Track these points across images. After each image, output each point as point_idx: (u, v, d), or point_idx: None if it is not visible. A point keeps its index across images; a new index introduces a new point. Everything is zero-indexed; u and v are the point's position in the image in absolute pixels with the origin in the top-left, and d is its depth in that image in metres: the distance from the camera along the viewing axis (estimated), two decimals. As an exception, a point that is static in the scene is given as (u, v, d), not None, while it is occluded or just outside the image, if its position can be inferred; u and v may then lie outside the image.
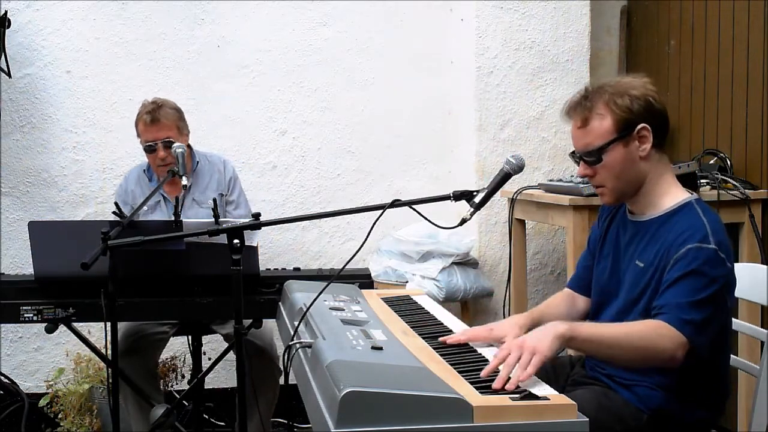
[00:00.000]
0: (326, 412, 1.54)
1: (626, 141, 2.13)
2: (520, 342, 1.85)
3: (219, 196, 3.54)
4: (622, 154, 2.14)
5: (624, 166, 2.15)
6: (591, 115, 2.15)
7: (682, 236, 2.05)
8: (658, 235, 2.13)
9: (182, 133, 3.50)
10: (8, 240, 3.98)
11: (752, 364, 2.41)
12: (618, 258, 2.26)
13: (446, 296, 3.86)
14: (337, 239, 4.26)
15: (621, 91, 2.13)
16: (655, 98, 2.15)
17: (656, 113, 2.14)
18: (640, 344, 1.95)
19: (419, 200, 2.23)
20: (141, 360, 3.30)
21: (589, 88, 2.21)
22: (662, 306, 2.00)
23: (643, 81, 2.18)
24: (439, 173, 4.34)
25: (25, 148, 4.00)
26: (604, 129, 2.14)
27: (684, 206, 2.14)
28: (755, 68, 3.55)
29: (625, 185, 2.18)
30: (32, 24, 3.97)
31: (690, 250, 2.01)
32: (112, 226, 2.70)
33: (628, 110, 2.12)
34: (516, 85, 4.20)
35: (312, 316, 2.03)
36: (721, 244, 2.03)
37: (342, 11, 4.22)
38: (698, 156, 3.73)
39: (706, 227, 2.04)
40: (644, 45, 4.39)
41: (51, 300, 2.94)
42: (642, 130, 2.12)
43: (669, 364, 1.97)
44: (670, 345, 1.94)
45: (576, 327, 1.93)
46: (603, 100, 2.14)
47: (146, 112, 3.44)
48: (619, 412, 2.09)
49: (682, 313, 1.96)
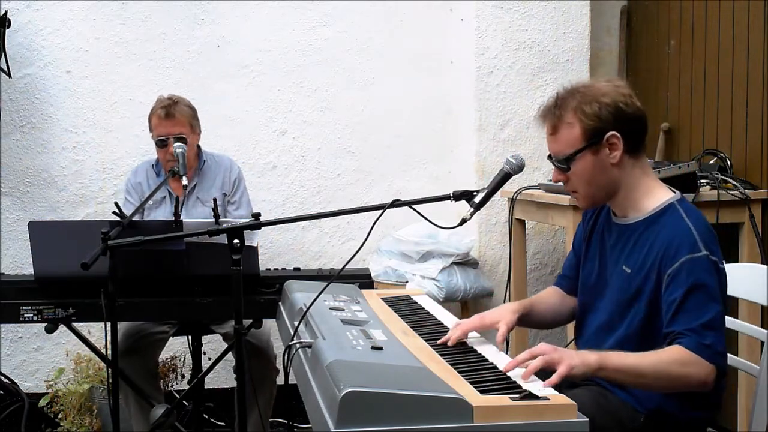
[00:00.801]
0: (326, 412, 1.54)
1: (595, 149, 2.11)
2: (554, 346, 1.88)
3: (222, 195, 3.55)
4: (591, 162, 2.13)
5: (594, 174, 2.14)
6: (560, 124, 2.14)
7: (672, 247, 2.04)
8: (644, 239, 2.13)
9: (194, 131, 3.53)
10: (8, 240, 3.99)
11: (752, 364, 2.41)
12: (604, 260, 2.26)
13: (446, 296, 3.86)
14: (337, 239, 4.26)
15: (590, 98, 2.11)
16: (628, 103, 2.11)
17: (627, 119, 2.11)
18: (671, 373, 1.95)
19: (419, 200, 2.24)
20: (141, 360, 3.30)
21: (560, 93, 2.19)
22: (678, 333, 1.99)
23: (615, 86, 2.14)
24: (439, 173, 4.34)
25: (25, 148, 4.00)
26: (572, 137, 2.13)
27: (667, 209, 2.13)
28: (755, 68, 3.55)
29: (597, 191, 2.17)
30: (32, 24, 3.97)
31: (684, 264, 2.01)
32: (112, 226, 2.70)
33: (597, 118, 2.09)
34: (516, 85, 4.20)
35: (312, 316, 2.03)
36: (711, 248, 2.04)
37: (342, 11, 4.22)
38: (698, 156, 3.73)
39: (693, 233, 2.04)
40: (644, 45, 4.39)
41: (51, 300, 2.94)
42: (611, 138, 2.10)
43: (701, 389, 1.99)
44: (700, 371, 1.95)
45: (605, 359, 1.93)
46: (572, 107, 2.12)
47: (161, 107, 3.46)
48: (617, 413, 2.10)
49: (701, 338, 1.96)
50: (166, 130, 3.43)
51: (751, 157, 3.59)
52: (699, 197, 3.41)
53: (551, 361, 1.84)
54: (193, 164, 3.56)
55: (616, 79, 2.22)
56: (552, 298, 2.45)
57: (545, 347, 1.87)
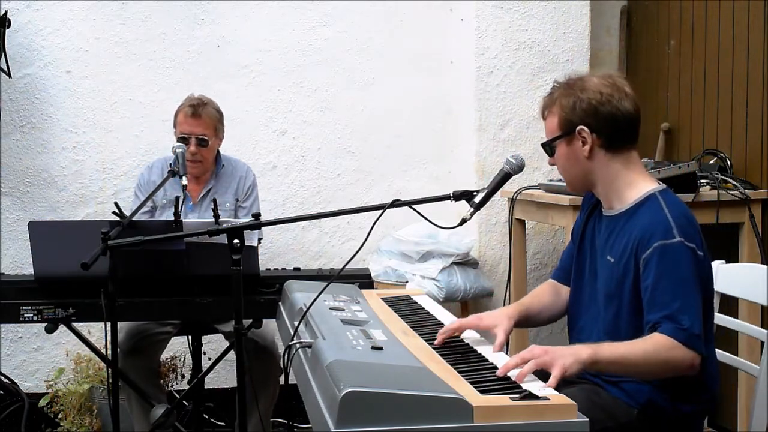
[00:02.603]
0: (326, 412, 1.54)
1: (568, 140, 2.21)
2: (545, 348, 1.89)
3: (235, 200, 3.57)
4: (565, 151, 2.23)
5: (569, 163, 2.24)
6: (547, 111, 2.27)
7: (647, 233, 2.08)
8: (625, 229, 2.16)
9: (218, 135, 3.55)
10: (8, 240, 3.98)
11: (752, 364, 2.41)
12: (594, 252, 2.30)
13: (446, 296, 3.86)
14: (337, 239, 4.26)
15: (572, 91, 2.20)
16: (603, 102, 2.16)
17: (599, 117, 2.16)
18: (660, 359, 1.98)
19: (419, 200, 2.24)
20: (144, 360, 3.31)
21: (556, 82, 2.28)
22: (656, 321, 2.02)
23: (604, 83, 2.19)
24: (439, 173, 4.34)
25: (25, 148, 4.00)
26: (552, 125, 2.24)
27: (647, 199, 2.17)
28: (755, 68, 3.55)
29: (574, 179, 2.28)
30: (32, 24, 3.96)
31: (656, 249, 2.05)
32: (112, 226, 2.70)
33: (571, 111, 2.19)
34: (516, 85, 4.20)
35: (312, 316, 2.03)
36: (687, 235, 2.06)
37: (342, 11, 4.22)
38: (698, 156, 3.73)
39: (668, 220, 2.07)
40: (644, 45, 4.39)
41: (51, 300, 2.94)
42: (581, 132, 2.18)
43: (690, 372, 2.02)
44: (685, 355, 1.99)
45: (597, 352, 1.95)
46: (556, 97, 2.23)
47: (190, 105, 3.48)
48: (610, 409, 2.12)
49: (677, 323, 1.99)
50: (190, 129, 3.44)
51: (751, 157, 3.59)
52: (699, 197, 3.41)
53: (543, 365, 1.84)
54: (211, 167, 3.57)
55: (614, 75, 2.24)
56: (546, 296, 2.47)
57: (536, 350, 1.87)
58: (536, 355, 1.85)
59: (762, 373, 2.28)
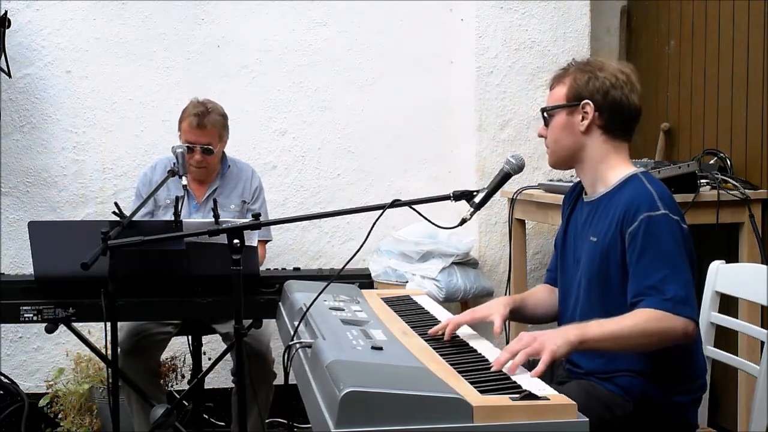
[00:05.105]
0: (326, 412, 1.54)
1: (571, 110, 2.24)
2: (534, 334, 1.90)
3: (242, 203, 3.57)
4: (564, 121, 2.25)
5: (563, 134, 2.26)
6: (557, 83, 2.30)
7: (633, 206, 2.10)
8: (608, 208, 2.19)
9: (223, 139, 3.55)
10: (8, 240, 3.98)
11: (752, 364, 2.41)
12: (577, 240, 2.31)
13: (446, 296, 3.86)
14: (337, 239, 4.26)
15: (589, 68, 2.25)
16: (616, 87, 2.21)
17: (609, 99, 2.21)
18: (651, 330, 2.00)
19: (419, 200, 2.24)
20: (144, 360, 3.31)
21: (575, 60, 2.33)
22: (640, 293, 2.04)
23: (618, 69, 2.25)
24: (439, 173, 4.34)
25: (25, 148, 4.00)
26: (559, 94, 2.27)
27: (630, 178, 2.20)
28: (755, 68, 3.55)
29: (561, 150, 2.28)
30: (32, 24, 3.97)
31: (642, 221, 2.07)
32: (112, 226, 2.70)
33: (584, 84, 2.23)
34: (516, 85, 4.20)
35: (312, 316, 2.03)
36: (671, 208, 2.09)
37: (342, 11, 4.22)
38: (698, 156, 3.73)
39: (652, 194, 2.11)
40: (644, 45, 4.39)
41: (51, 300, 2.94)
42: (585, 106, 2.22)
43: (687, 339, 2.04)
44: (676, 324, 2.00)
45: (585, 331, 1.97)
46: (571, 71, 2.27)
47: (194, 114, 3.45)
48: (607, 403, 2.13)
49: (662, 294, 2.01)
50: (195, 138, 3.44)
51: (751, 157, 3.59)
52: (699, 197, 3.41)
53: (533, 352, 1.86)
54: (216, 168, 3.57)
55: (632, 70, 2.26)
56: (543, 294, 2.49)
57: (525, 338, 1.89)
58: (526, 344, 1.87)
59: (762, 373, 2.28)
